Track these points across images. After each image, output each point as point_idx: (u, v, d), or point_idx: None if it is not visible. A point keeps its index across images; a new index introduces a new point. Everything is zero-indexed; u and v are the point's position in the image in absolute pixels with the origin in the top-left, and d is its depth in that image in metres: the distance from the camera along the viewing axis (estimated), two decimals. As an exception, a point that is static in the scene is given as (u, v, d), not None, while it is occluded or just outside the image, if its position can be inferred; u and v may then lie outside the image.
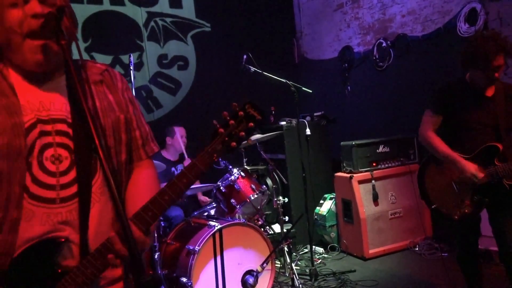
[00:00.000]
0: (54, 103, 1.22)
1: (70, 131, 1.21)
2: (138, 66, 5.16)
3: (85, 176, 1.21)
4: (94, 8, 4.93)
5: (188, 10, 5.58)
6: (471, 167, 2.58)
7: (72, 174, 1.20)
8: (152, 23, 5.32)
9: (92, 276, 1.14)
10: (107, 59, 4.97)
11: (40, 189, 1.17)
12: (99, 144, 1.04)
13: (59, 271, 1.15)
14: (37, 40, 1.15)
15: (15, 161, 1.13)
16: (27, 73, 1.21)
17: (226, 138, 1.20)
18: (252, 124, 1.21)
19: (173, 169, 4.42)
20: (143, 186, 1.38)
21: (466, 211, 2.66)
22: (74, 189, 1.20)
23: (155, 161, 1.60)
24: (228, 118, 1.21)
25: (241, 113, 1.20)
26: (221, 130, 1.20)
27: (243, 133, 1.20)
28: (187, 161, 4.28)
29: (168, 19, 5.43)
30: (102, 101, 1.29)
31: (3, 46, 1.19)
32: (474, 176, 2.57)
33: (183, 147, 4.36)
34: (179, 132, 4.44)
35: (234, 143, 1.20)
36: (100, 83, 1.33)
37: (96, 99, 1.26)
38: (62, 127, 1.21)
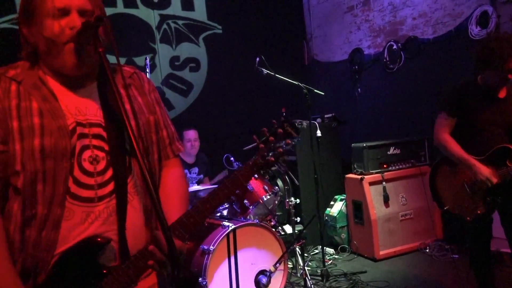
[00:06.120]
0: (88, 108, 1.29)
1: (104, 134, 1.28)
2: (151, 68, 5.21)
3: (120, 175, 1.27)
4: (108, 11, 4.93)
5: (200, 13, 5.64)
6: (486, 172, 2.60)
7: (109, 174, 1.26)
8: (165, 26, 5.38)
9: (134, 277, 1.20)
10: (120, 61, 5.02)
11: (80, 189, 1.23)
12: (136, 145, 1.09)
13: (104, 271, 1.20)
14: (75, 44, 1.21)
15: (61, 161, 1.20)
16: (64, 79, 1.27)
17: (266, 153, 1.28)
18: (289, 141, 1.29)
19: (185, 171, 4.47)
20: (171, 186, 1.44)
21: (479, 211, 2.68)
22: (110, 187, 1.26)
23: None
24: (267, 134, 1.29)
25: (280, 130, 1.28)
26: (262, 145, 1.29)
27: (281, 150, 1.29)
28: (206, 185, 4.34)
29: (181, 22, 5.49)
30: (133, 104, 1.34)
31: (43, 52, 1.25)
32: (488, 180, 2.59)
33: (193, 153, 4.46)
34: (186, 136, 4.50)
35: (273, 159, 1.28)
36: (129, 86, 1.39)
37: (129, 103, 1.32)
38: (98, 130, 1.27)
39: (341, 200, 4.82)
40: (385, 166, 4.51)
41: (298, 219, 4.22)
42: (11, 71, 1.25)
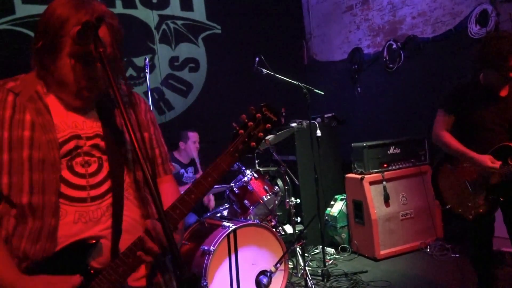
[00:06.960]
0: (86, 122, 1.31)
1: (101, 143, 1.30)
2: (150, 68, 5.18)
3: (116, 176, 1.28)
4: (107, 12, 4.99)
5: (199, 13, 5.64)
6: (486, 159, 2.60)
7: (101, 175, 1.28)
8: (164, 26, 5.38)
9: (124, 274, 1.20)
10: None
11: (71, 190, 1.24)
12: (138, 148, 1.09)
13: (92, 272, 1.20)
14: (93, 92, 1.27)
15: (50, 172, 1.20)
16: (66, 102, 1.30)
17: (246, 139, 1.27)
18: (269, 125, 1.28)
19: (182, 170, 4.45)
20: (165, 196, 1.43)
21: (481, 210, 2.68)
22: (103, 188, 1.27)
23: None
24: (246, 120, 1.28)
25: (259, 115, 1.27)
26: (241, 131, 1.28)
27: (262, 134, 1.28)
28: (200, 174, 4.30)
29: (180, 22, 5.49)
30: (130, 119, 1.35)
31: (58, 83, 1.26)
32: (492, 165, 2.58)
33: (195, 155, 4.40)
34: (192, 138, 4.48)
35: (253, 143, 1.28)
36: (127, 103, 1.39)
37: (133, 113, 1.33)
38: (95, 140, 1.29)
39: (342, 200, 4.82)
40: (385, 165, 4.50)
41: (299, 219, 4.22)
42: (10, 83, 1.27)
